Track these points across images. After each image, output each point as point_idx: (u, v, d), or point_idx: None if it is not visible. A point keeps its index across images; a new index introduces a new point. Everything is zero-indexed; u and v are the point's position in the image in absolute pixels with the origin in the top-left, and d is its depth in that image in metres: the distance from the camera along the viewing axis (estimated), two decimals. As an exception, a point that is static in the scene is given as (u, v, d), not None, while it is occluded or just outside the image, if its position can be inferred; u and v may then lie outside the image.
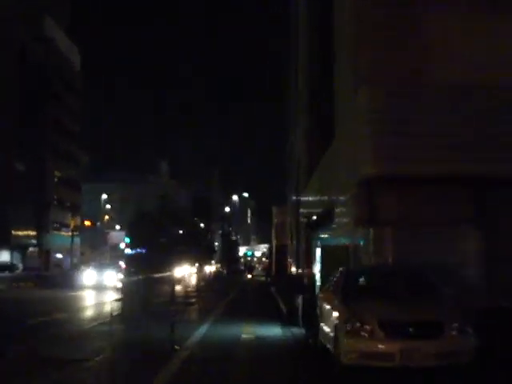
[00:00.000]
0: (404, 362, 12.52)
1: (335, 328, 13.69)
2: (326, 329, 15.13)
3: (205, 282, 61.86)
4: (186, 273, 51.82)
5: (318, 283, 21.73)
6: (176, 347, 17.16)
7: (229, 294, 43.94)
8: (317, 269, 22.05)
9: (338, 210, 24.45)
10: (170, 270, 51.71)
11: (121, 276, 50.29)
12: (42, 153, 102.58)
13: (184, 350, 17.16)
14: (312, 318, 20.41)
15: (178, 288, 33.50)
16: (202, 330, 22.01)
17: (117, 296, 27.57)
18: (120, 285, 40.00)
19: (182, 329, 20.45)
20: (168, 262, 54.29)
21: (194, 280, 57.50)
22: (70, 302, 35.59)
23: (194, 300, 35.74)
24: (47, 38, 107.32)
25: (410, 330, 12.67)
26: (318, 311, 17.18)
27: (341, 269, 16.79)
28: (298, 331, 21.99)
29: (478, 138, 18.01)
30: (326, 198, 28.22)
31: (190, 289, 40.78)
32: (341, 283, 14.99)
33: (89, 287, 47.68)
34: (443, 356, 12.60)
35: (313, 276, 23.70)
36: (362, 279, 15.56)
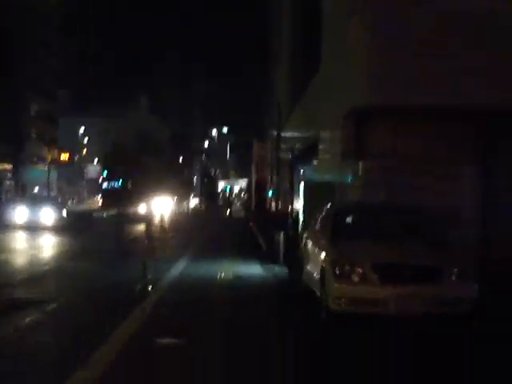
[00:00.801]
0: (399, 308, 11.24)
1: (322, 270, 12.35)
2: (312, 270, 13.79)
3: (182, 218, 60.68)
4: (162, 208, 50.02)
5: (301, 220, 20.37)
6: (148, 289, 15.78)
7: (206, 230, 42.65)
8: (299, 205, 20.66)
9: (322, 145, 23.00)
10: (145, 205, 49.88)
11: (62, 213, 43.18)
12: (17, 87, 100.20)
13: (156, 291, 15.78)
14: (294, 257, 19.18)
15: (153, 223, 32.05)
16: (177, 269, 20.64)
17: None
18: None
19: (155, 268, 19.13)
20: (145, 196, 52.73)
21: (170, 215, 56.04)
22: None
23: (169, 236, 34.40)
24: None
25: (407, 274, 11.36)
26: (303, 250, 15.85)
27: (328, 205, 15.39)
28: (279, 270, 20.74)
29: (485, 65, 16.45)
30: (309, 132, 26.72)
31: (165, 224, 39.27)
32: (329, 221, 13.56)
33: (20, 227, 39.59)
34: (442, 303, 11.35)
35: (295, 213, 22.32)
36: (351, 217, 14.15)
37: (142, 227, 33.77)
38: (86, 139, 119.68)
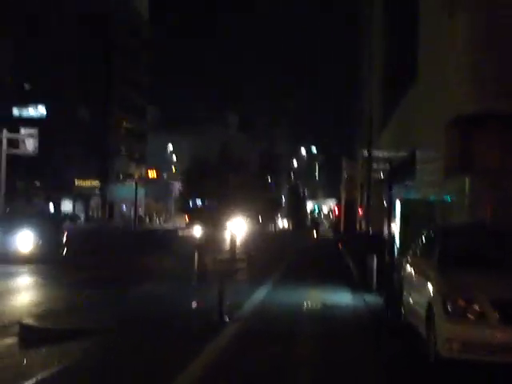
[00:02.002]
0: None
1: (429, 305, 10.19)
2: (415, 304, 11.63)
3: (268, 238, 58.87)
4: (239, 228, 47.97)
5: (397, 243, 18.15)
6: (225, 319, 13.82)
7: (293, 253, 40.59)
8: (395, 227, 18.46)
9: (421, 161, 20.84)
10: (228, 225, 47.85)
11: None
12: (108, 103, 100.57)
13: (234, 321, 13.80)
14: (390, 285, 17.02)
15: (237, 244, 30.06)
16: (259, 295, 18.66)
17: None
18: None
19: (235, 294, 17.20)
20: (229, 215, 50.96)
21: (250, 236, 54.30)
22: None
23: (253, 258, 32.49)
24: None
25: (537, 313, 9.14)
26: (401, 278, 13.68)
27: (434, 226, 13.22)
28: (371, 299, 18.51)
29: None
30: (405, 147, 24.54)
31: (235, 248, 37.33)
32: (435, 245, 11.37)
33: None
34: None
35: (391, 235, 20.11)
36: (463, 240, 11.91)
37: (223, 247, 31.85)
38: (174, 156, 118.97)
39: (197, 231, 23.50)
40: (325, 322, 14.70)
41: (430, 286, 10.45)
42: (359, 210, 55.55)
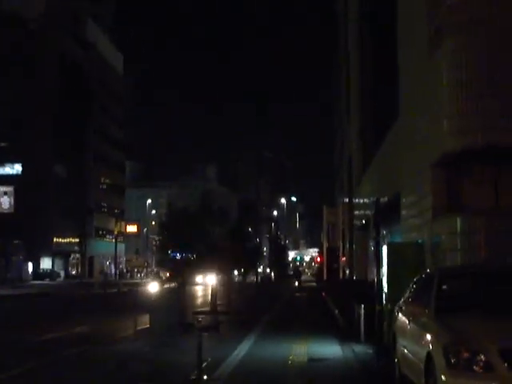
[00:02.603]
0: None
1: (428, 357, 9.14)
2: (411, 356, 10.56)
3: (250, 288, 57.65)
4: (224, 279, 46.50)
5: (385, 290, 17.12)
6: (204, 377, 12.67)
7: (276, 302, 39.40)
8: (383, 273, 17.44)
9: (405, 201, 19.89)
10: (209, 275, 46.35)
11: None
12: (84, 159, 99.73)
13: (213, 381, 12.67)
14: (380, 335, 16.03)
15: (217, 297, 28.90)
16: (242, 349, 17.55)
17: None
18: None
19: (216, 349, 16.13)
20: (210, 266, 49.62)
21: (235, 286, 52.88)
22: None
23: (235, 310, 31.30)
24: (89, 43, 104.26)
25: (550, 362, 8.13)
26: (394, 328, 12.63)
27: (428, 270, 12.22)
28: (360, 349, 17.44)
29: None
30: (388, 190, 23.61)
31: (232, 296, 36.03)
32: (431, 290, 10.31)
33: None
34: None
35: (377, 281, 19.09)
36: (460, 284, 10.88)
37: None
38: (153, 211, 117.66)
39: (153, 287, 22.30)
40: (313, 378, 13.61)
41: (428, 336, 9.40)
42: (342, 257, 54.69)
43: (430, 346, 9.15)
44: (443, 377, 8.49)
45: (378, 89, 30.88)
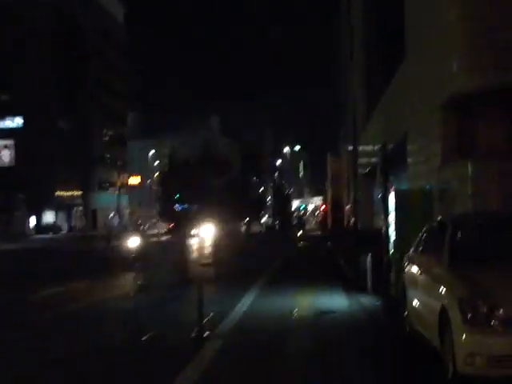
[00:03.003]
0: None
1: (443, 311, 8.43)
2: (422, 309, 9.87)
3: (254, 238, 57.18)
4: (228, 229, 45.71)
5: (393, 239, 16.39)
6: (205, 334, 12.01)
7: (280, 252, 38.80)
8: (390, 221, 16.69)
9: (413, 147, 19.09)
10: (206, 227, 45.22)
11: None
12: (86, 111, 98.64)
13: (215, 338, 12.00)
14: (388, 286, 15.38)
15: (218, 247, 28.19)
16: (245, 302, 16.90)
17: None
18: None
19: (219, 301, 15.56)
20: (213, 216, 48.97)
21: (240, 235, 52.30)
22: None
23: (238, 260, 30.77)
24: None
25: None
26: (403, 279, 11.93)
27: (440, 218, 11.44)
28: (368, 301, 16.78)
29: None
30: (394, 136, 22.74)
31: (236, 246, 35.35)
32: (446, 240, 9.53)
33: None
34: None
35: (383, 229, 18.36)
36: (476, 233, 10.09)
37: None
38: (156, 162, 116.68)
39: (132, 242, 21.31)
40: (320, 332, 12.95)
41: (442, 289, 8.68)
42: (346, 205, 53.91)
43: (445, 300, 8.45)
44: (459, 333, 7.79)
45: (382, 31, 29.86)
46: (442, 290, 8.63)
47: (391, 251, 16.60)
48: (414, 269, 10.81)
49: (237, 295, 18.05)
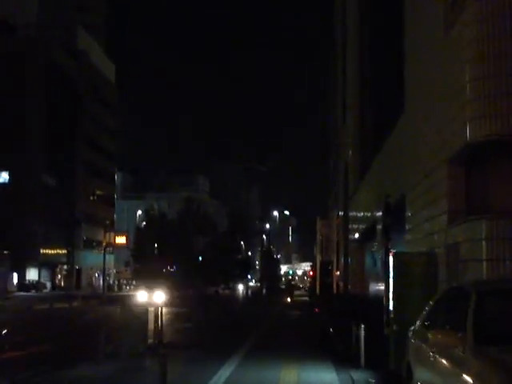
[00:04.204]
0: None
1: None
2: None
3: (237, 302, 54.83)
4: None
5: (391, 307, 14.38)
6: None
7: (267, 318, 36.56)
8: (388, 288, 14.72)
9: (412, 207, 17.18)
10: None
11: None
12: (74, 169, 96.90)
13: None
14: (386, 360, 13.38)
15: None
16: (222, 375, 14.76)
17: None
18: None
19: (191, 373, 13.49)
20: (200, 280, 46.72)
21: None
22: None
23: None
24: (80, 51, 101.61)
25: None
26: (407, 358, 9.86)
27: (455, 285, 9.45)
28: (361, 377, 14.64)
29: None
30: (390, 194, 20.78)
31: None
32: (468, 313, 7.48)
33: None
34: None
35: (387, 299, 16.29)
36: (504, 305, 8.04)
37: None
38: (144, 222, 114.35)
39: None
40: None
41: (466, 378, 6.65)
42: (336, 270, 51.94)
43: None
44: None
45: (376, 90, 28.37)
46: (467, 379, 6.59)
47: (389, 323, 14.60)
48: (424, 347, 8.73)
49: (215, 365, 15.92)
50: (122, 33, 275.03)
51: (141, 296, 43.48)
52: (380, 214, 22.27)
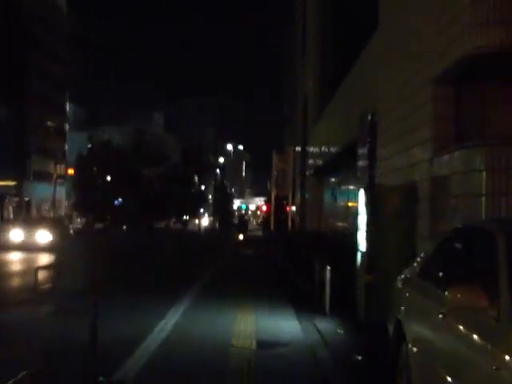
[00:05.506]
0: None
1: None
2: (446, 371, 5.66)
3: (193, 238, 53.10)
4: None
5: (363, 249, 12.37)
6: (101, 379, 7.87)
7: (217, 256, 34.61)
8: (360, 226, 12.69)
9: (383, 136, 15.07)
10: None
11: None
12: (24, 101, 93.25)
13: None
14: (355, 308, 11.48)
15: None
16: (166, 324, 12.68)
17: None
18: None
19: (128, 324, 11.41)
20: (148, 213, 44.34)
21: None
22: None
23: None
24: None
25: None
26: (399, 315, 7.72)
27: (468, 225, 7.36)
28: (326, 327, 12.68)
29: None
30: (356, 126, 18.58)
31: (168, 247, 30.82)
32: (501, 266, 5.29)
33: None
34: None
35: (343, 234, 14.20)
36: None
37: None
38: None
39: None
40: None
41: (497, 352, 4.57)
42: (290, 206, 50.27)
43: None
44: None
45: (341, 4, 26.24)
46: (501, 357, 4.52)
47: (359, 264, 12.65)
48: (428, 304, 6.60)
49: (160, 312, 13.85)
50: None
51: (15, 235, 35.57)
52: (348, 143, 20.23)
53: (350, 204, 23.14)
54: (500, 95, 10.30)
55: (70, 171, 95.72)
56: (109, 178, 56.92)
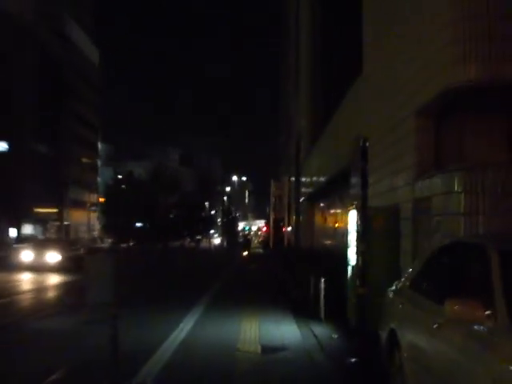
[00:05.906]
0: None
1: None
2: (442, 374, 4.99)
3: (204, 255, 52.29)
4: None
5: (352, 263, 11.69)
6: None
7: (226, 270, 33.88)
8: (350, 243, 12.04)
9: (371, 164, 14.41)
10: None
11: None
12: (64, 141, 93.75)
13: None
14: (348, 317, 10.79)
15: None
16: (180, 332, 11.97)
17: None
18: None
19: (144, 331, 10.72)
20: (165, 234, 43.75)
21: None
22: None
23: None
24: (67, 37, 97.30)
25: None
26: (392, 323, 7.06)
27: (458, 240, 6.70)
28: (323, 333, 11.98)
29: None
30: (346, 156, 17.92)
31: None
32: (494, 280, 4.64)
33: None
34: None
35: (341, 252, 13.59)
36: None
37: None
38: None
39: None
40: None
41: (493, 361, 3.91)
42: (286, 227, 49.68)
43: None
44: None
45: (328, 54, 25.59)
46: (497, 368, 3.85)
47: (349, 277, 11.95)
48: (422, 315, 5.92)
49: (173, 320, 13.14)
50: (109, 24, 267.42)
51: (26, 256, 32.00)
52: (339, 169, 19.58)
53: (337, 224, 22.56)
54: (475, 126, 9.67)
55: (101, 199, 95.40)
56: (131, 205, 56.16)
